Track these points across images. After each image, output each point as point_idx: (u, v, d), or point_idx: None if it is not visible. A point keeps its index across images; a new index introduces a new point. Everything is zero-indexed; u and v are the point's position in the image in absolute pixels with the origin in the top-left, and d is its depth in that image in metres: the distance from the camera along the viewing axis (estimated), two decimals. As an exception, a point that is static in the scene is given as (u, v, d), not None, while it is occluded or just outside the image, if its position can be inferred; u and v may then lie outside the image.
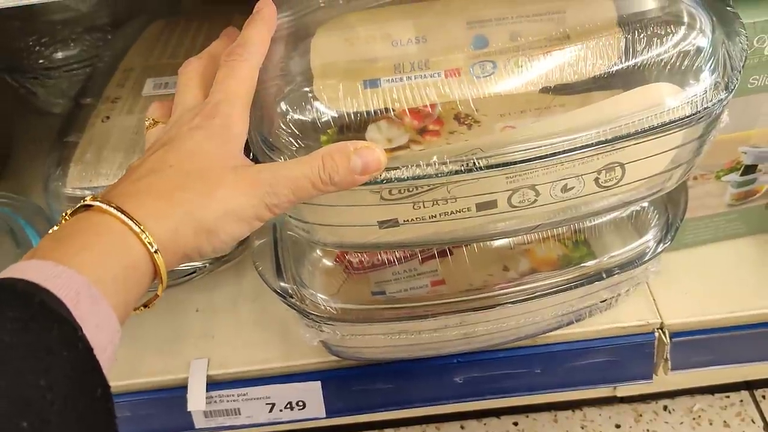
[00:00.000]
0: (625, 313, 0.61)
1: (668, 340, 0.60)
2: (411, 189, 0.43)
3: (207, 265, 0.64)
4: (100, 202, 0.35)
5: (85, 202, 0.36)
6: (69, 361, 0.29)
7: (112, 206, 0.35)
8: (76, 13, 0.79)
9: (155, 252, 0.35)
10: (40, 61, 0.79)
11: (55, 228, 0.35)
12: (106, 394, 0.30)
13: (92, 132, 0.63)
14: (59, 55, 0.79)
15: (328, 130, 0.43)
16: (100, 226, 0.35)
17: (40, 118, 0.82)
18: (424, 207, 0.45)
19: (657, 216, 0.57)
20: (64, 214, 0.36)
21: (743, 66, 0.43)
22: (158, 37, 0.75)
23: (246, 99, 0.41)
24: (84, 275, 0.32)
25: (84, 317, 0.31)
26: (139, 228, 0.35)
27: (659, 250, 0.55)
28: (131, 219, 0.35)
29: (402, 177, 0.41)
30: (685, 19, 0.43)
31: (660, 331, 0.61)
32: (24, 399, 0.27)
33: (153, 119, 0.43)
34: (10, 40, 0.78)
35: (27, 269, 0.31)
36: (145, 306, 0.38)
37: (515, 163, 0.42)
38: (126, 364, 0.61)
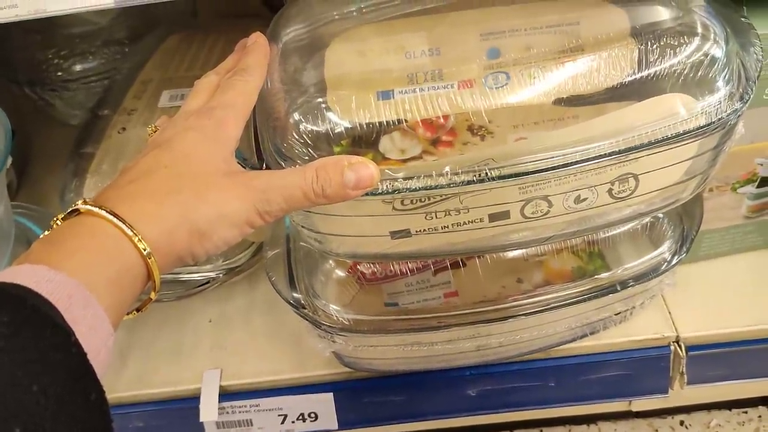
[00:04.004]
0: (640, 326, 0.60)
1: (684, 354, 0.60)
2: (423, 199, 0.43)
3: (220, 275, 0.65)
4: (92, 206, 0.35)
5: (77, 206, 0.35)
6: (62, 366, 0.29)
7: (104, 210, 0.34)
8: (94, 27, 0.80)
9: (148, 256, 0.35)
10: (59, 73, 0.79)
11: (47, 232, 0.35)
12: (100, 398, 0.30)
13: (109, 143, 0.64)
14: (77, 67, 0.79)
15: (342, 141, 0.43)
16: (92, 230, 0.34)
17: (58, 130, 0.83)
18: (436, 217, 0.45)
19: (672, 228, 0.57)
20: (55, 219, 0.36)
21: (758, 77, 0.43)
22: (175, 50, 0.76)
23: (241, 109, 0.41)
24: (76, 279, 0.31)
25: (76, 321, 0.30)
26: (132, 231, 0.34)
27: (674, 262, 0.55)
28: (124, 222, 0.34)
29: (414, 187, 0.42)
30: (699, 30, 0.43)
31: (676, 344, 0.60)
32: (17, 404, 0.27)
33: (155, 126, 0.43)
34: (29, 52, 0.80)
35: (18, 273, 0.31)
36: (138, 310, 0.38)
37: (528, 173, 0.42)
38: (139, 375, 0.61)
